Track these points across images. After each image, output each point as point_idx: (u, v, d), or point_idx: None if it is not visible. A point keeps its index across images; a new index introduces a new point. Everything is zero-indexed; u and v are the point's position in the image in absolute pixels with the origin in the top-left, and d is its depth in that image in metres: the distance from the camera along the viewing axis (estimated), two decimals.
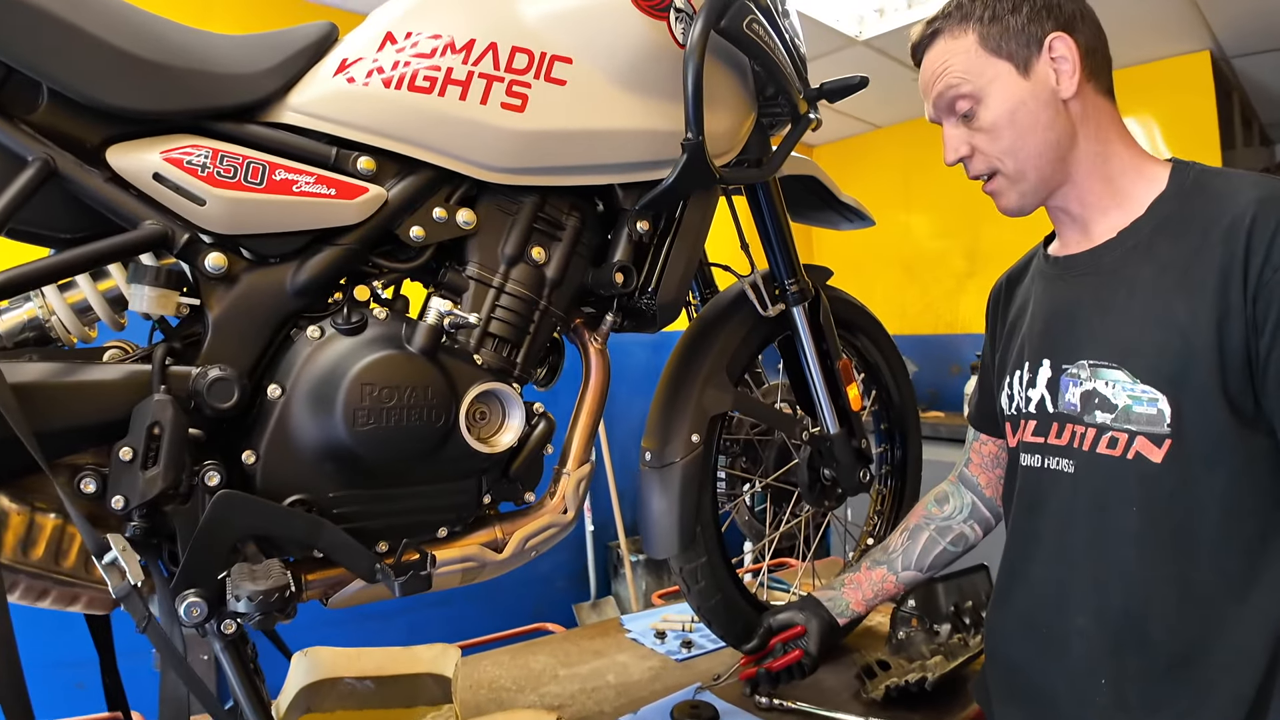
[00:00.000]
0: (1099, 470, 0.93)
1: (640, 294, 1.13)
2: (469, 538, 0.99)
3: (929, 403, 4.17)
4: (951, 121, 1.00)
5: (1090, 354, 0.94)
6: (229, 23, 2.79)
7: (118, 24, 0.81)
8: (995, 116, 0.95)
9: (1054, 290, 1.03)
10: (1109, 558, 0.91)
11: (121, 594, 0.67)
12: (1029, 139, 0.94)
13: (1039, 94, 0.94)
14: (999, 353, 1.14)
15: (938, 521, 1.29)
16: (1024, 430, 1.03)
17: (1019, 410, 1.04)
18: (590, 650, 1.60)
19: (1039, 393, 1.00)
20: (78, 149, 0.79)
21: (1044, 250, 1.10)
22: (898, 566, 1.30)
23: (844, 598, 1.30)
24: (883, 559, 1.31)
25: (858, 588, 1.30)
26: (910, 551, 1.29)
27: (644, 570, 3.61)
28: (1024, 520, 1.03)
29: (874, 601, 1.31)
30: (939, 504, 1.31)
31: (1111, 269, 0.95)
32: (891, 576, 1.30)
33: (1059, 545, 0.97)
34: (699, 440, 1.28)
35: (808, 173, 1.44)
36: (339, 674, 1.25)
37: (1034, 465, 1.01)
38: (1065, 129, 0.95)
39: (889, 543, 1.33)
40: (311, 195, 0.88)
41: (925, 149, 4.43)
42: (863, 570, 1.32)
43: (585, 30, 1.01)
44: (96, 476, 0.76)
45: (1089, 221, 0.99)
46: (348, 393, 0.85)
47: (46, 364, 0.76)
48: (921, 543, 1.29)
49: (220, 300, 0.86)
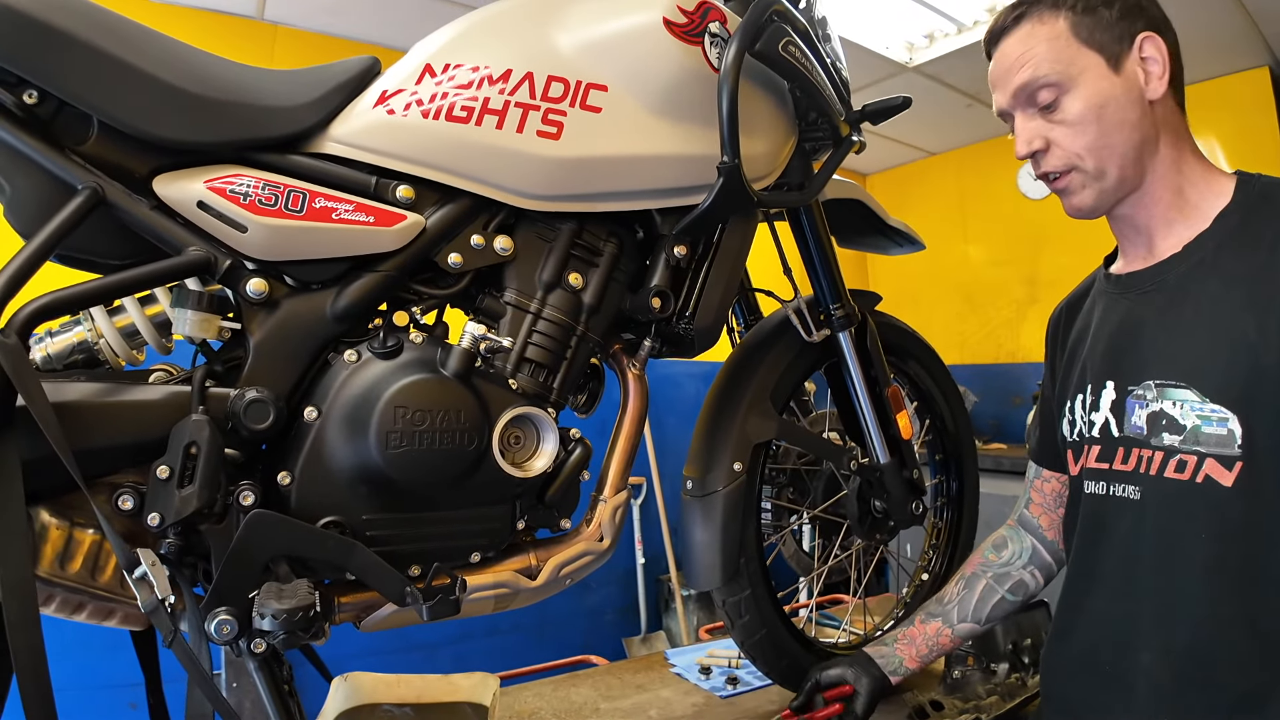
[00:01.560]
0: (1167, 496, 0.88)
1: (678, 319, 1.12)
2: (502, 564, 0.98)
3: (991, 434, 4.04)
4: (1029, 113, 0.95)
5: (1156, 373, 0.90)
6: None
7: (165, 59, 0.84)
8: (1082, 110, 0.91)
9: (1116, 309, 0.99)
10: (1176, 590, 0.86)
11: (149, 608, 0.68)
12: (1115, 136, 0.90)
13: (1128, 92, 0.90)
14: (1059, 381, 1.10)
15: (995, 569, 1.23)
16: (1087, 456, 0.98)
17: (1081, 436, 1.00)
18: (633, 684, 1.56)
19: (1103, 416, 0.96)
20: (126, 178, 0.83)
21: (1104, 270, 1.06)
22: (953, 619, 1.22)
23: (897, 654, 1.23)
24: (937, 611, 1.24)
25: (911, 643, 1.23)
26: (966, 602, 1.22)
27: (695, 605, 3.55)
28: (1086, 552, 0.99)
29: (929, 658, 1.23)
30: (996, 550, 1.24)
31: (1176, 285, 0.92)
32: (947, 630, 1.23)
33: (1123, 577, 0.92)
34: (742, 469, 1.25)
35: (853, 196, 1.42)
36: (378, 700, 1.24)
37: (1098, 493, 0.96)
38: (1149, 131, 0.91)
39: (944, 593, 1.26)
40: (351, 223, 0.90)
41: (980, 175, 4.36)
42: (916, 624, 1.25)
43: (620, 58, 1.01)
44: (134, 494, 0.78)
45: (1153, 234, 0.95)
46: (381, 415, 0.86)
47: (88, 384, 0.78)
48: (978, 592, 1.22)
49: (261, 325, 0.88)
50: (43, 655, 0.67)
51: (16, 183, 0.80)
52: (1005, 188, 4.15)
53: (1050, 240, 4.06)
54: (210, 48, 0.93)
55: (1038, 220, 4.09)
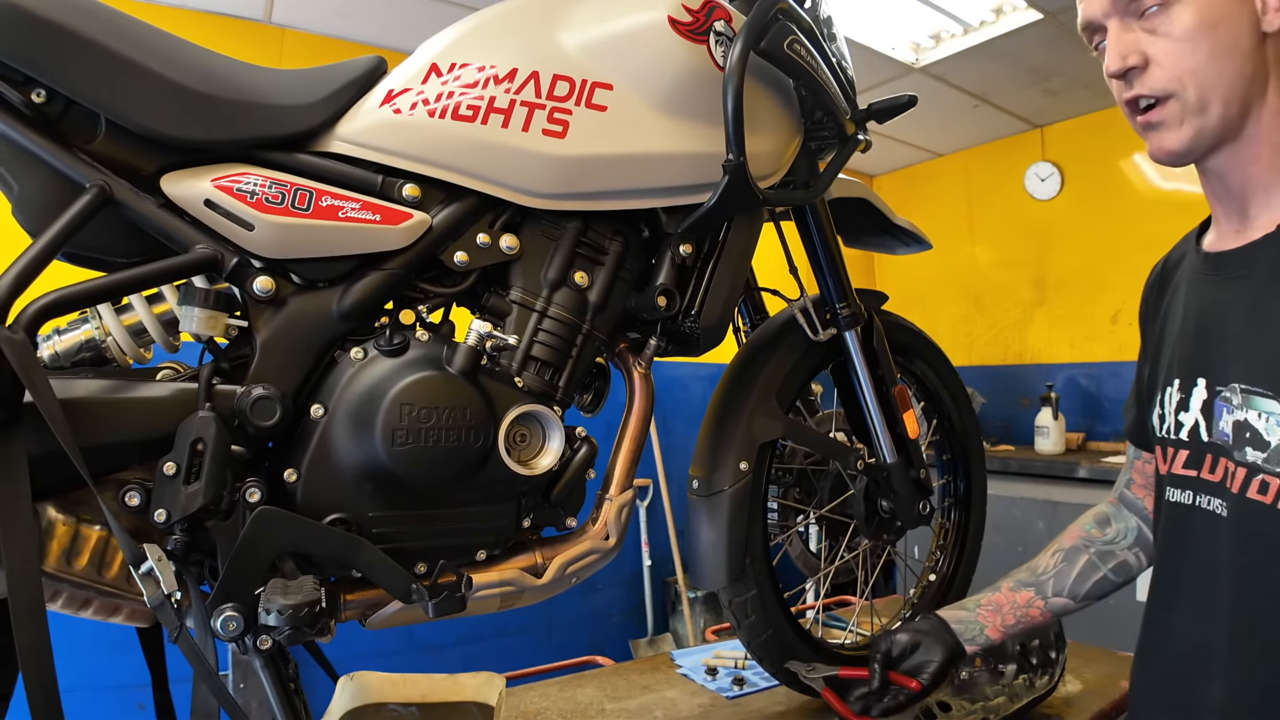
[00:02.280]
0: (1249, 517, 0.80)
1: (684, 317, 1.11)
2: (508, 562, 0.98)
3: (999, 436, 4.02)
4: (1126, 22, 0.82)
5: (1241, 375, 0.81)
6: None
7: (172, 58, 0.85)
8: (1194, 23, 0.78)
9: (1204, 292, 0.90)
10: (1254, 624, 0.79)
11: (155, 603, 0.69)
12: (1224, 63, 0.78)
13: (1244, 16, 0.78)
14: (1150, 359, 1.01)
15: (1099, 545, 1.13)
16: (1174, 461, 0.91)
17: (1169, 435, 0.92)
18: (639, 685, 1.56)
19: (1192, 417, 0.88)
20: (133, 176, 0.83)
21: (1196, 242, 0.95)
22: (1048, 591, 1.13)
23: (979, 621, 1.13)
24: (1030, 581, 1.14)
25: (997, 611, 1.13)
26: (1065, 575, 1.12)
27: (702, 607, 3.54)
28: (1167, 563, 0.93)
29: (1014, 630, 1.13)
30: (1099, 526, 1.16)
31: (1269, 271, 0.81)
32: (1040, 602, 1.12)
33: (1204, 600, 0.85)
34: (747, 468, 1.25)
35: (859, 195, 1.42)
36: (384, 699, 1.24)
37: (1183, 502, 0.89)
38: (1259, 67, 0.80)
39: (1037, 564, 1.16)
40: (357, 221, 0.90)
41: (987, 176, 4.36)
42: (1004, 592, 1.14)
43: (625, 57, 1.01)
44: (141, 490, 0.78)
45: (1247, 200, 0.84)
46: (387, 412, 0.86)
47: (95, 381, 0.78)
48: (1079, 567, 1.12)
49: (268, 323, 0.88)
50: (49, 651, 0.67)
51: (24, 181, 0.81)
52: (1012, 189, 4.15)
53: (1058, 242, 4.05)
54: (217, 51, 0.93)
55: (1045, 221, 4.08)
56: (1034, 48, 3.12)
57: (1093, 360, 3.89)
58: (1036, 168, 4.04)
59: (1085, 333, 3.94)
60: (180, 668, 1.02)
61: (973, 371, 4.24)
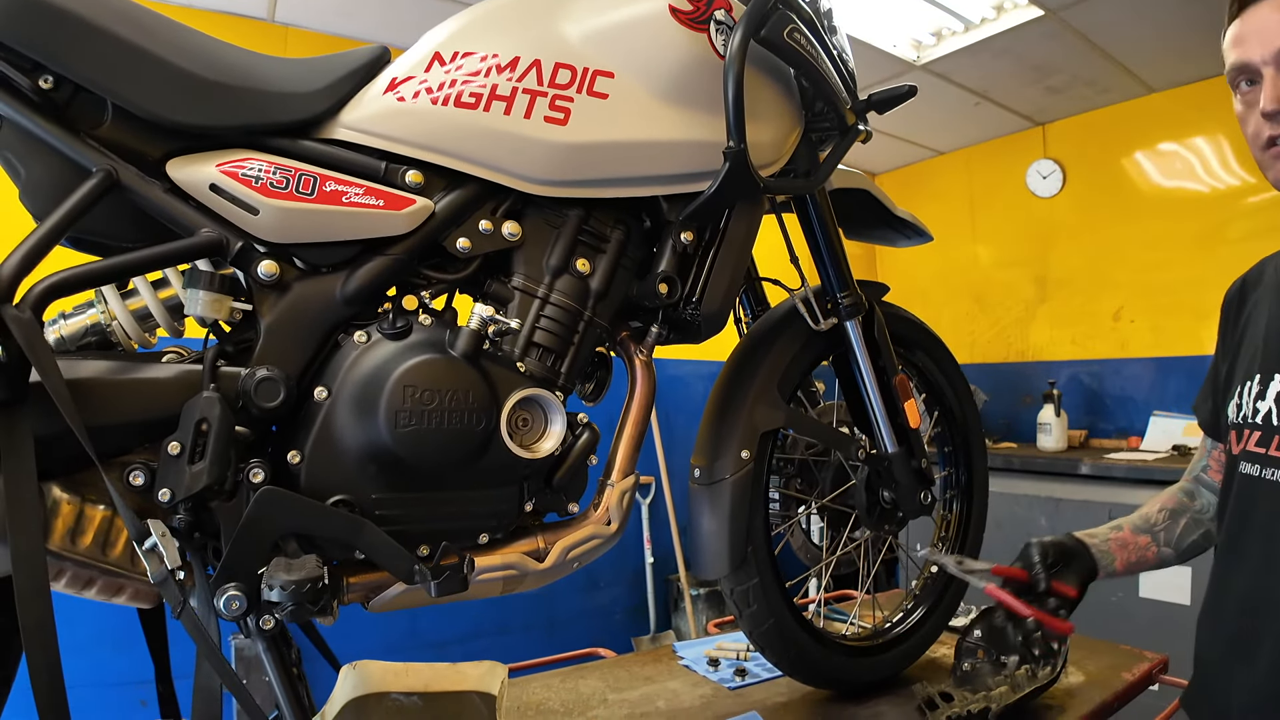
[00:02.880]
0: None
1: (685, 305, 1.12)
2: (510, 546, 0.99)
3: (1002, 433, 4.02)
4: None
5: None
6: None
7: (178, 45, 0.85)
8: None
9: None
10: None
11: (159, 579, 0.69)
12: None
13: None
14: (1228, 360, 1.16)
15: (1193, 511, 1.27)
16: (1247, 440, 1.06)
17: (1245, 420, 1.07)
18: (641, 676, 1.56)
19: (1268, 405, 1.03)
20: (139, 161, 0.84)
21: (1277, 267, 1.13)
22: (1160, 541, 1.25)
23: (1111, 553, 1.24)
24: (1145, 528, 1.26)
25: (1124, 547, 1.24)
26: (1172, 530, 1.25)
27: (704, 604, 3.55)
28: (1236, 529, 1.06)
29: (1135, 568, 1.25)
30: (1189, 497, 1.29)
31: None
32: (1154, 548, 1.25)
33: (1266, 555, 1.00)
34: (749, 457, 1.25)
35: (859, 186, 1.42)
36: (386, 688, 1.25)
37: (1252, 474, 1.04)
38: None
39: (1148, 515, 1.28)
40: (360, 206, 0.91)
41: (989, 174, 4.36)
42: (1128, 532, 1.26)
43: (626, 45, 1.02)
44: (145, 470, 0.78)
45: None
46: (390, 394, 0.86)
47: (101, 362, 0.79)
48: (1182, 524, 1.26)
49: (272, 307, 0.89)
50: (52, 630, 0.68)
51: (32, 166, 0.81)
52: (1014, 187, 4.15)
53: (1059, 239, 4.06)
54: None
55: (1047, 219, 4.08)
56: (1035, 45, 3.13)
57: (1095, 357, 3.89)
58: (1038, 165, 4.04)
59: (1087, 330, 3.94)
60: (183, 661, 1.03)
61: (975, 369, 4.24)
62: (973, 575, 1.27)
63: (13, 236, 0.76)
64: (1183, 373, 3.53)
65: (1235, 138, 3.34)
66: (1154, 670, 1.55)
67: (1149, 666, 1.54)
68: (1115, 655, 1.62)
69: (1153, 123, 3.66)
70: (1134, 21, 2.93)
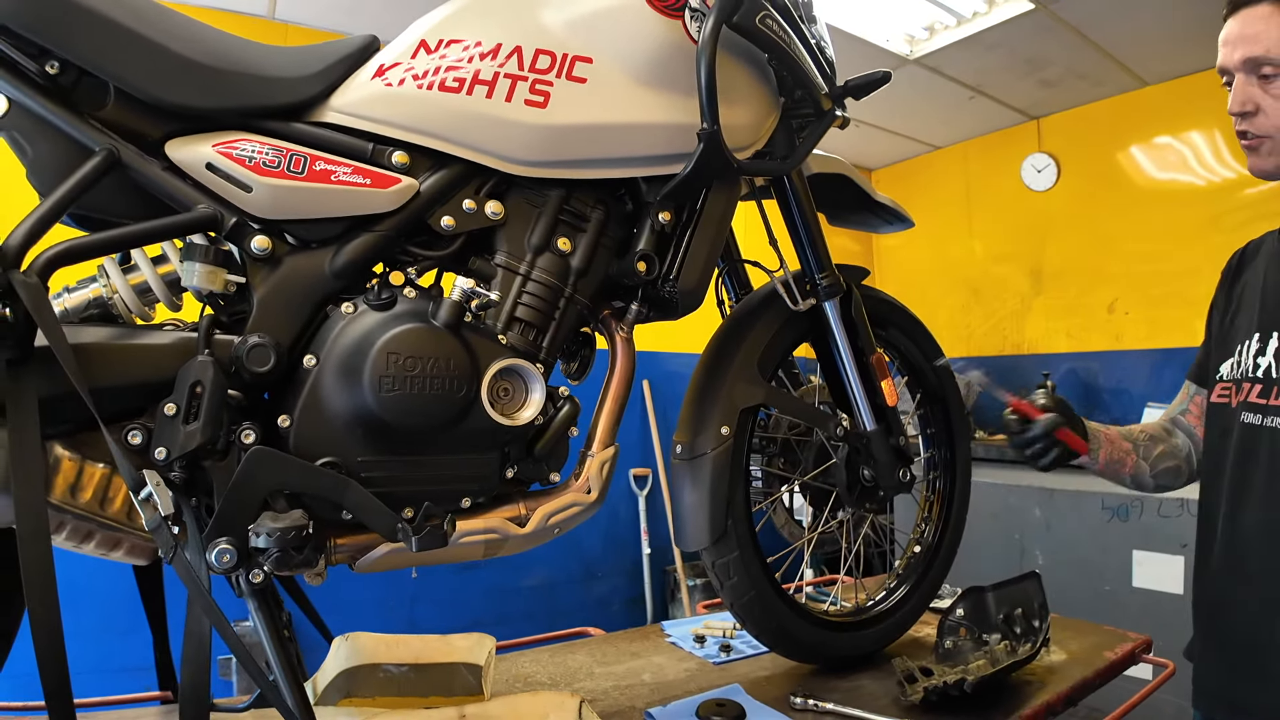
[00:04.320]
0: None
1: (663, 282, 1.16)
2: (493, 511, 1.03)
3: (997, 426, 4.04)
4: (1249, 78, 1.08)
5: None
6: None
7: (178, 32, 0.91)
8: None
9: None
10: None
11: (152, 525, 0.73)
12: None
13: None
14: (1224, 318, 1.27)
15: (1169, 444, 1.36)
16: (1248, 393, 1.16)
17: (1244, 374, 1.17)
18: (628, 651, 1.60)
19: (1268, 360, 1.14)
20: (140, 142, 0.89)
21: (1278, 236, 1.23)
22: (1139, 455, 1.34)
23: (1100, 442, 1.32)
24: (1129, 438, 1.34)
25: (1110, 443, 1.33)
26: (1150, 450, 1.34)
27: (701, 595, 3.58)
28: (1238, 470, 1.16)
29: (1112, 468, 1.33)
30: (1166, 433, 1.38)
31: None
32: (1133, 457, 1.34)
33: (1271, 492, 1.11)
34: (729, 433, 1.29)
35: (837, 170, 1.46)
36: (378, 660, 1.29)
37: (1254, 423, 1.15)
38: None
39: (1129, 430, 1.36)
40: (349, 184, 0.95)
41: (984, 168, 4.39)
42: (1114, 433, 1.34)
43: (603, 31, 1.06)
44: (143, 430, 0.83)
45: None
46: (375, 361, 0.91)
47: (103, 329, 0.84)
48: (1158, 450, 1.35)
49: (264, 280, 0.93)
50: (52, 578, 0.72)
51: (39, 146, 0.86)
52: (1009, 180, 4.18)
53: (1054, 232, 4.08)
54: None
55: (1042, 213, 4.11)
56: (1027, 38, 3.16)
57: (1090, 350, 3.92)
58: (1033, 159, 4.07)
59: (1082, 323, 3.97)
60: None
61: (971, 362, 4.27)
62: (997, 390, 1.40)
63: (17, 214, 0.81)
64: (1177, 365, 3.55)
65: (1227, 130, 3.36)
66: (1137, 650, 1.57)
67: (1131, 646, 1.57)
68: (1099, 635, 1.64)
69: (1146, 116, 3.69)
70: (1125, 15, 2.96)
